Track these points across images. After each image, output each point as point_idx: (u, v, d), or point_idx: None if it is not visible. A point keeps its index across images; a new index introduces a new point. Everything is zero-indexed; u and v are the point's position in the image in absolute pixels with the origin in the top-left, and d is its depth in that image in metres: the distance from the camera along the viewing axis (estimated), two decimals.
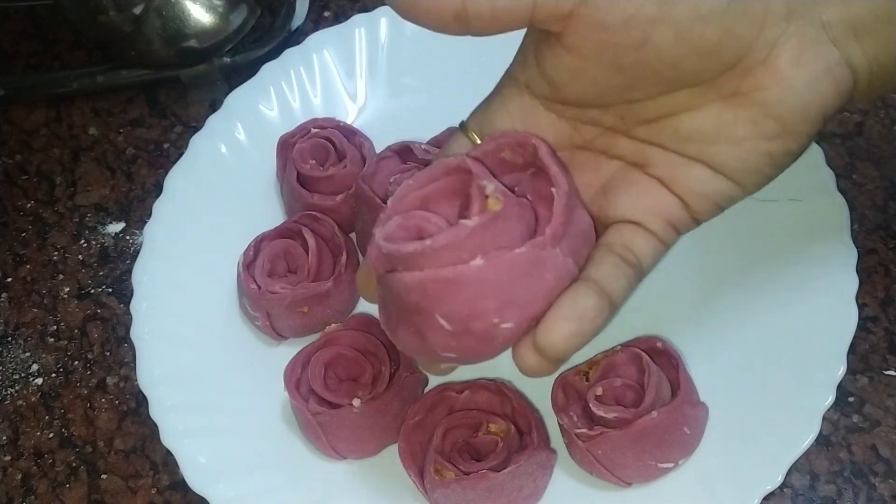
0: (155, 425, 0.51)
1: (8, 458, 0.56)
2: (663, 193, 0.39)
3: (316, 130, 0.58)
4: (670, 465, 0.48)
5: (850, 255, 0.51)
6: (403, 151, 0.56)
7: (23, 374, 0.58)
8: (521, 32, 0.46)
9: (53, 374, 0.58)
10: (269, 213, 0.58)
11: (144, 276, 0.56)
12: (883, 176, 0.58)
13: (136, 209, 0.63)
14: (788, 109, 0.37)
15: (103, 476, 0.54)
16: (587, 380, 0.48)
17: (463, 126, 0.42)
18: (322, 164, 0.57)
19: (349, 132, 0.59)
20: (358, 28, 0.63)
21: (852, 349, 0.49)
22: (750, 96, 0.37)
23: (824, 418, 0.47)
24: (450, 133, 0.42)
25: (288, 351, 0.52)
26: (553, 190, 0.37)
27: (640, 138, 0.40)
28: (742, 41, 0.36)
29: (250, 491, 0.50)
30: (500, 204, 0.37)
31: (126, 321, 0.56)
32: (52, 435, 0.56)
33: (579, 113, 0.40)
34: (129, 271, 0.56)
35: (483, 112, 0.42)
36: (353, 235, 0.57)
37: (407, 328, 0.38)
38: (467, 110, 0.60)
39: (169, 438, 0.51)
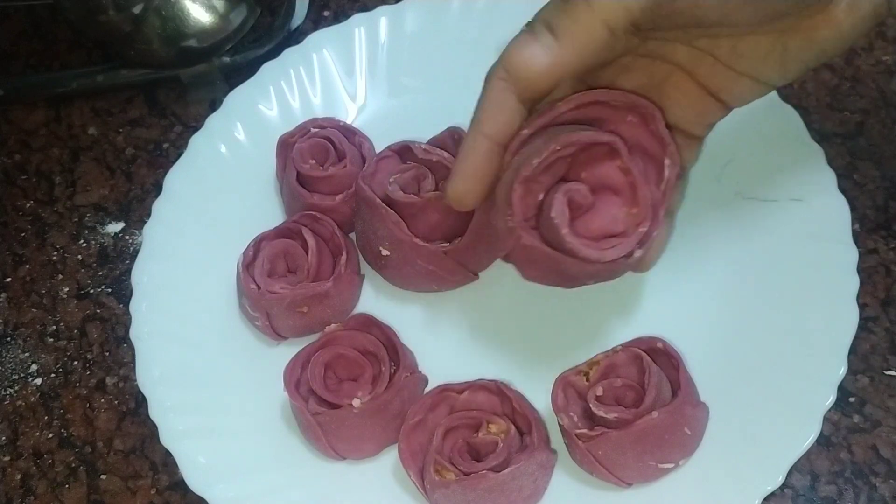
0: (154, 426, 0.51)
1: (7, 458, 0.56)
2: (710, 103, 0.44)
3: (315, 130, 0.58)
4: (671, 465, 0.47)
5: (851, 255, 0.51)
6: (403, 151, 0.56)
7: (22, 375, 0.58)
8: (518, 29, 0.45)
9: (53, 375, 0.58)
10: (268, 213, 0.58)
11: (144, 276, 0.56)
12: (884, 176, 0.58)
13: (136, 209, 0.63)
14: (833, 46, 0.42)
15: (103, 476, 0.54)
16: (587, 380, 0.48)
17: (532, 23, 0.42)
18: (322, 164, 0.57)
19: (349, 132, 0.59)
20: (357, 27, 0.63)
21: (853, 349, 0.49)
22: (803, 33, 0.41)
23: (825, 418, 0.47)
24: (518, 36, 0.42)
25: (288, 351, 0.52)
26: (666, 163, 0.44)
27: (699, 48, 0.43)
28: None
29: (250, 491, 0.50)
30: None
31: (125, 321, 0.56)
32: (51, 435, 0.56)
33: (653, 32, 0.42)
34: (129, 271, 0.56)
35: (559, 7, 0.42)
36: (352, 235, 0.57)
37: (545, 273, 0.45)
38: (467, 110, 0.61)
39: (168, 439, 0.51)
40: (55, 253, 0.62)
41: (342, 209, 0.56)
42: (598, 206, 0.44)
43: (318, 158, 0.57)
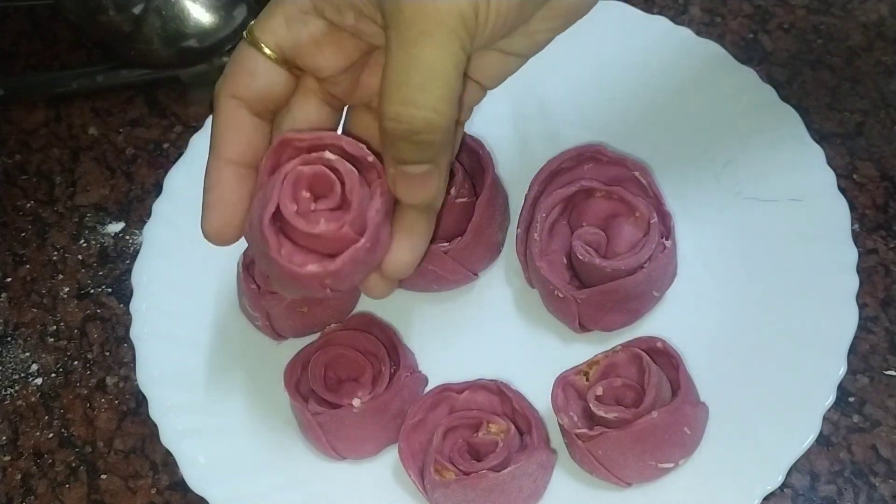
0: (154, 425, 0.51)
1: (8, 458, 0.56)
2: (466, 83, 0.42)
3: (330, 157, 0.40)
4: (670, 465, 0.47)
5: (851, 255, 0.51)
6: None
7: (22, 374, 0.58)
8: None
9: (53, 374, 0.58)
10: None
11: (144, 276, 0.56)
12: (883, 176, 0.58)
13: (136, 209, 0.63)
14: (575, 8, 0.41)
15: (103, 476, 0.54)
16: (587, 380, 0.48)
17: (251, 36, 0.41)
18: (315, 201, 0.40)
19: (365, 167, 0.41)
20: None
21: (853, 349, 0.49)
22: (548, 5, 0.40)
23: (824, 418, 0.47)
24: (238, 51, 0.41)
25: (288, 351, 0.52)
26: (636, 174, 0.52)
27: None
28: None
29: (250, 491, 0.50)
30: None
31: (126, 321, 0.56)
32: (51, 435, 0.56)
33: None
34: (129, 271, 0.56)
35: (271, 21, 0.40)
36: None
37: (622, 311, 0.52)
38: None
39: (168, 438, 0.51)
40: (55, 253, 0.62)
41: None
42: (612, 232, 0.51)
43: (314, 193, 0.40)
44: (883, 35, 0.63)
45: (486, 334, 0.54)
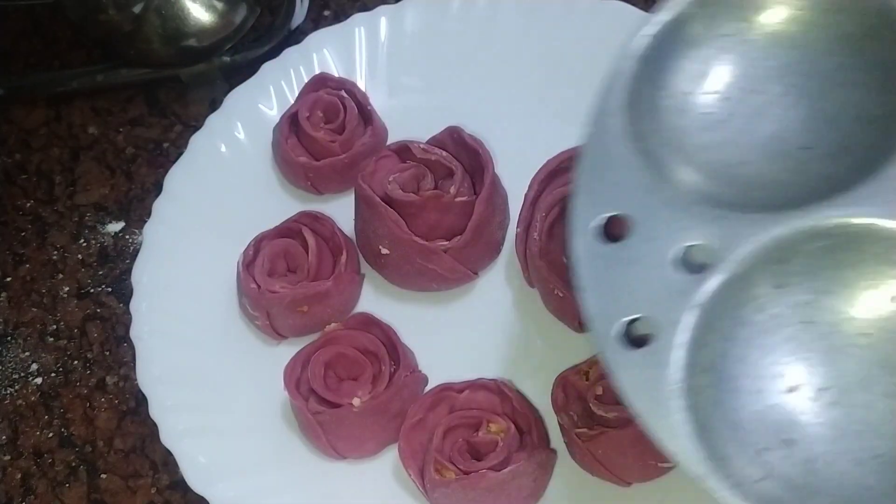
0: (154, 425, 0.51)
1: (7, 457, 0.56)
2: None
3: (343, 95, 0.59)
4: (671, 464, 0.47)
5: None
6: (402, 150, 0.56)
7: (22, 374, 0.58)
8: (518, 29, 0.44)
9: (53, 374, 0.58)
10: (269, 213, 0.58)
11: (144, 275, 0.56)
12: None
13: (136, 208, 0.63)
14: None
15: (103, 476, 0.54)
16: (587, 379, 0.48)
17: None
18: (329, 123, 0.58)
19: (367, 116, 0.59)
20: (357, 27, 0.63)
21: None
22: None
23: None
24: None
25: (288, 350, 0.52)
26: None
27: None
28: None
29: (250, 491, 0.50)
30: None
31: (126, 321, 0.56)
32: (51, 434, 0.56)
33: None
34: (129, 271, 0.56)
35: None
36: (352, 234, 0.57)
37: None
38: (467, 109, 0.61)
39: (168, 438, 0.51)
40: (55, 252, 0.62)
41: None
42: None
43: (327, 116, 0.58)
44: None
45: (486, 334, 0.54)
